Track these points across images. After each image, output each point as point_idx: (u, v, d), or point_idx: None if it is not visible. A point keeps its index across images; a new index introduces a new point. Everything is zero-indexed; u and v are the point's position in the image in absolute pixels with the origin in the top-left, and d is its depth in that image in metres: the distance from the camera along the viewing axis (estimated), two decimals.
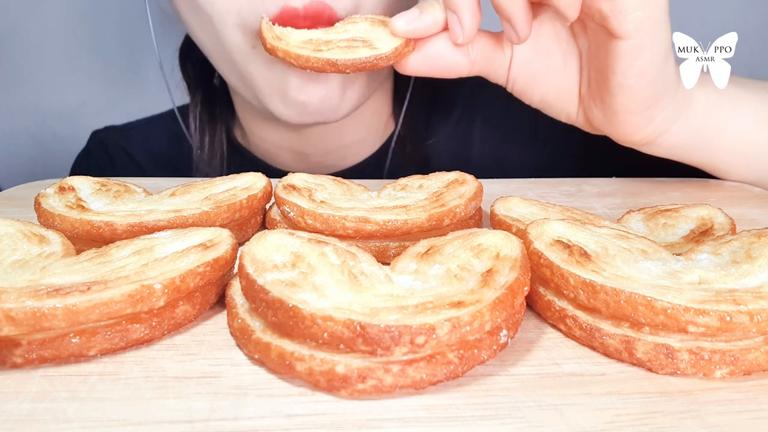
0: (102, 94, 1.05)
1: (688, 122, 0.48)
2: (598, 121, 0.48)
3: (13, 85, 1.03)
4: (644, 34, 0.41)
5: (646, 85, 0.43)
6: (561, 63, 0.47)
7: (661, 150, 0.50)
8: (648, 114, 0.46)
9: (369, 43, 0.43)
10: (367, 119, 0.65)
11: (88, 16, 1.00)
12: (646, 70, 0.43)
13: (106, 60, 1.03)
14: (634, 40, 0.41)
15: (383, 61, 0.42)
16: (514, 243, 0.30)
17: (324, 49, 0.43)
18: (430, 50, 0.44)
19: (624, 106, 0.45)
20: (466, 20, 0.41)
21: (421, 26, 0.42)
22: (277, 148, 0.67)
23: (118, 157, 0.74)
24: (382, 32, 0.44)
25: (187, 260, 0.29)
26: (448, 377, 0.25)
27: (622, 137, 0.49)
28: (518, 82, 0.48)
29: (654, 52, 0.42)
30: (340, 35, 0.45)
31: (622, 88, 0.44)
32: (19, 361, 0.26)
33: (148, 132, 0.76)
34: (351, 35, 0.44)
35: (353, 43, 0.43)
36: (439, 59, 0.44)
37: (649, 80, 0.43)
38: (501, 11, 0.40)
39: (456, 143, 0.70)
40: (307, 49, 0.43)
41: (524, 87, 0.48)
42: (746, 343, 0.26)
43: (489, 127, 0.70)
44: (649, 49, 0.42)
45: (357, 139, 0.66)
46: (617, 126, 0.47)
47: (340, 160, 0.67)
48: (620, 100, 0.44)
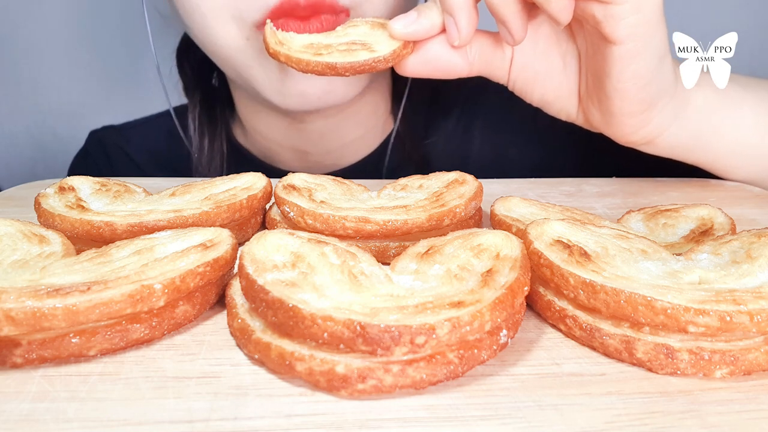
0: (102, 94, 1.05)
1: (687, 123, 0.49)
2: (597, 121, 0.48)
3: (13, 85, 1.03)
4: (638, 39, 0.41)
5: (641, 89, 0.44)
6: (561, 64, 0.47)
7: (659, 149, 0.50)
8: (645, 115, 0.46)
9: (368, 46, 0.44)
10: (365, 116, 0.65)
11: (88, 16, 1.00)
12: (641, 73, 0.43)
13: (106, 60, 1.03)
14: (628, 45, 0.41)
15: (381, 63, 0.43)
16: (514, 243, 0.30)
17: (324, 53, 0.44)
18: (428, 52, 0.44)
19: (620, 109, 0.45)
20: (463, 23, 0.41)
21: (419, 29, 0.43)
22: (277, 145, 0.67)
23: (116, 157, 0.74)
24: (381, 35, 0.45)
25: (187, 260, 0.29)
26: (448, 377, 0.25)
27: (621, 137, 0.49)
28: (518, 82, 0.48)
29: (648, 56, 0.42)
30: (341, 39, 0.45)
31: (618, 92, 0.44)
32: (19, 361, 0.26)
33: (146, 132, 0.76)
34: (351, 39, 0.45)
35: (352, 46, 0.44)
36: (437, 61, 0.44)
37: (644, 83, 0.43)
38: (495, 14, 0.41)
39: (456, 143, 0.71)
40: (308, 53, 0.44)
41: (524, 87, 0.49)
42: (746, 343, 0.26)
43: (489, 127, 0.70)
44: (644, 53, 0.42)
45: (356, 137, 0.66)
46: (615, 127, 0.47)
47: (340, 158, 0.67)
48: (616, 102, 0.45)
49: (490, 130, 0.70)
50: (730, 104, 0.50)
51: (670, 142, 0.49)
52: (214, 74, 0.69)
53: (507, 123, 0.70)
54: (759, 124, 0.50)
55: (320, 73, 0.43)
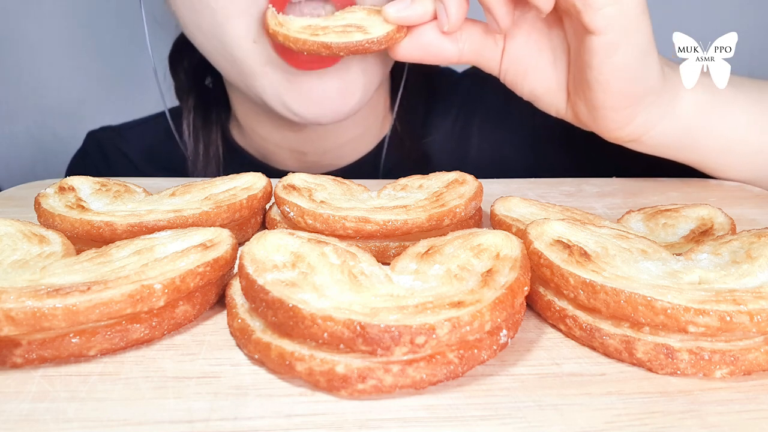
0: (102, 94, 1.05)
1: (676, 122, 0.49)
2: (584, 116, 0.49)
3: (13, 85, 1.03)
4: (617, 31, 0.42)
5: (624, 83, 0.44)
6: (551, 57, 0.48)
7: (647, 147, 0.51)
8: (630, 111, 0.47)
9: (363, 29, 0.46)
10: (363, 116, 0.65)
11: (87, 17, 1.00)
12: (621, 67, 0.43)
13: (105, 60, 1.03)
14: (607, 36, 0.42)
15: (375, 45, 0.45)
16: (514, 243, 0.30)
17: (321, 34, 0.46)
18: (421, 38, 0.46)
19: (602, 102, 0.46)
20: (452, 9, 0.43)
21: (412, 14, 0.45)
22: (275, 146, 0.66)
23: (114, 157, 0.74)
24: (376, 20, 0.47)
25: (187, 260, 0.29)
26: (448, 377, 0.25)
27: (606, 133, 0.49)
28: (509, 73, 0.49)
29: (629, 50, 0.43)
30: (338, 21, 0.47)
31: (599, 84, 0.44)
32: (19, 361, 0.26)
33: (144, 132, 0.76)
34: (347, 22, 0.47)
35: (348, 28, 0.46)
36: (429, 46, 0.46)
37: (626, 78, 0.44)
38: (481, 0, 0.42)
39: (454, 142, 0.71)
40: (305, 33, 0.46)
41: (515, 78, 0.50)
42: (746, 343, 0.26)
43: (487, 126, 0.70)
44: (624, 47, 0.42)
45: (354, 136, 0.66)
46: (600, 121, 0.48)
47: (337, 158, 0.67)
48: (598, 96, 0.45)
49: (488, 129, 0.70)
50: (721, 104, 0.50)
51: (657, 140, 0.50)
52: (209, 76, 0.69)
53: (506, 122, 0.70)
54: (751, 124, 0.51)
55: (315, 52, 0.45)
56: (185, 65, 0.67)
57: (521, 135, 0.69)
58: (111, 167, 0.73)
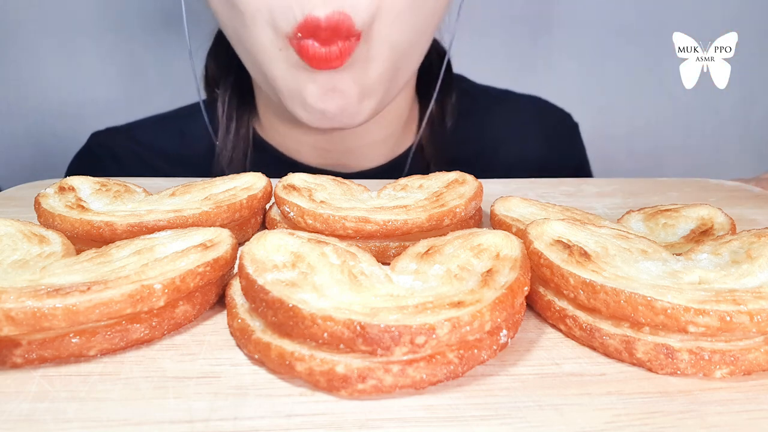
0: (102, 94, 1.04)
1: None
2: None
3: (14, 85, 1.03)
4: None
5: None
6: None
7: None
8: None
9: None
10: (388, 121, 0.65)
11: (88, 16, 1.00)
12: None
13: (106, 60, 1.03)
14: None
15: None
16: (514, 243, 0.30)
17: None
18: None
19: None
20: None
21: None
22: (298, 143, 0.67)
23: (112, 158, 0.74)
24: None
25: (187, 260, 0.29)
26: (448, 377, 0.25)
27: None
28: None
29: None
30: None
31: None
32: (19, 361, 0.26)
33: (143, 132, 0.75)
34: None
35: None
36: None
37: None
38: None
39: (480, 148, 0.71)
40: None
41: None
42: (746, 343, 0.26)
43: (488, 126, 0.71)
44: None
45: (378, 139, 0.66)
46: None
47: (362, 158, 0.67)
48: None
49: (489, 129, 0.70)
50: None
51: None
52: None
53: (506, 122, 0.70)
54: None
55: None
56: (222, 59, 0.67)
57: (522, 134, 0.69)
58: (107, 169, 0.73)
